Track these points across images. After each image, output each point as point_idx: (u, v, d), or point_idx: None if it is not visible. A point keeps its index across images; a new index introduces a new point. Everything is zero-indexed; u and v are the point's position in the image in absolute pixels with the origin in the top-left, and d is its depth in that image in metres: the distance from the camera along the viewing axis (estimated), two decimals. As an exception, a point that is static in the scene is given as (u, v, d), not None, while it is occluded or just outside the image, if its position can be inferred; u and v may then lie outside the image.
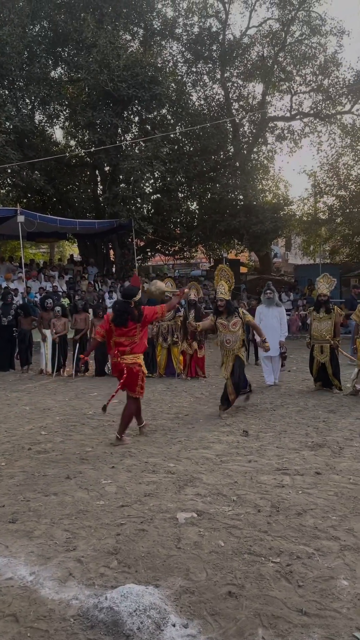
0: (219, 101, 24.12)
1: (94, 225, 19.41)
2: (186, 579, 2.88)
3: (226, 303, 6.99)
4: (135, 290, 5.85)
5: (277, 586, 2.81)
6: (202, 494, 4.09)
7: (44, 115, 21.47)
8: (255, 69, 22.63)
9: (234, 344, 6.99)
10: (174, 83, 21.78)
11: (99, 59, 17.80)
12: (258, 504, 3.86)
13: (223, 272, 7.28)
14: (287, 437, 5.77)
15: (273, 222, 21.23)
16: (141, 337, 5.77)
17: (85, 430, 6.39)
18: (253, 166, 23.74)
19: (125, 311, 5.66)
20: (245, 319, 7.01)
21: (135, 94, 18.25)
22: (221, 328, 7.06)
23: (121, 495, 4.13)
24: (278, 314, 9.02)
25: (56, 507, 3.93)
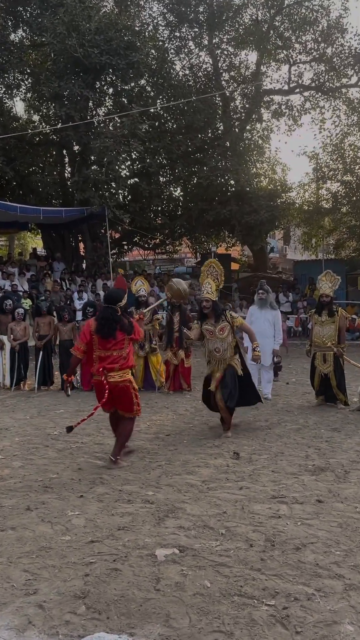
0: (207, 71, 24.26)
1: (61, 214, 19.35)
2: (166, 626, 2.87)
3: (212, 305, 6.85)
4: (121, 293, 5.80)
5: (271, 633, 2.81)
6: (186, 526, 4.09)
7: (2, 86, 21.36)
8: (248, 35, 22.80)
9: (224, 353, 6.86)
10: (154, 49, 21.86)
11: (66, 21, 17.78)
12: (250, 538, 3.88)
13: (212, 268, 7.18)
14: (284, 460, 5.80)
15: (269, 212, 21.37)
16: (129, 352, 5.72)
17: (49, 453, 6.35)
18: (246, 146, 23.90)
19: (113, 319, 5.59)
20: (235, 323, 6.91)
21: (109, 62, 18.26)
22: (208, 335, 6.92)
23: (91, 529, 4.11)
24: (272, 318, 9.05)
25: (14, 543, 3.89)
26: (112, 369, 5.55)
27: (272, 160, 26.67)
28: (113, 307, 5.65)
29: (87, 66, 18.45)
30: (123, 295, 5.78)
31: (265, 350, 8.98)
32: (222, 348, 6.84)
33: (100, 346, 5.59)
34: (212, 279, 7.00)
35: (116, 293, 5.83)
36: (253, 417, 8.04)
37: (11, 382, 11.10)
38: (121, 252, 27.13)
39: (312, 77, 24.04)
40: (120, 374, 5.58)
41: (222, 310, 6.97)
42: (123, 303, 5.72)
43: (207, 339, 6.91)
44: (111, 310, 5.63)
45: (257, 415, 8.13)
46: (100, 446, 6.60)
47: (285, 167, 27.15)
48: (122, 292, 5.86)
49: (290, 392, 10.00)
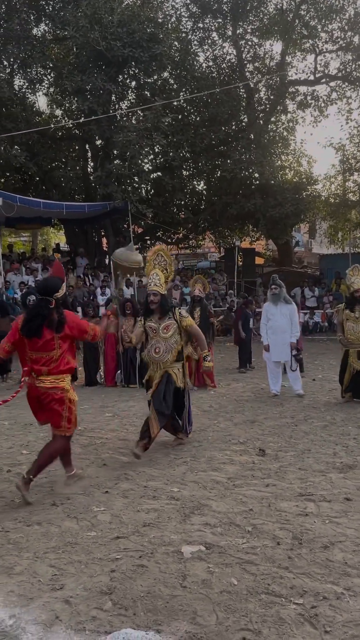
0: (230, 62, 24.15)
1: (84, 209, 19.44)
2: (193, 623, 2.88)
3: (160, 299, 6.07)
4: (57, 282, 4.90)
5: (300, 632, 2.80)
6: (212, 523, 4.09)
7: (24, 80, 21.54)
8: (272, 24, 22.62)
9: (164, 355, 6.04)
10: (177, 41, 21.81)
11: (89, 14, 17.84)
12: (277, 536, 3.86)
13: (159, 257, 6.34)
14: (311, 457, 5.76)
15: (294, 205, 21.22)
16: (63, 354, 4.78)
17: (73, 449, 6.37)
18: (270, 139, 23.75)
19: (39, 314, 4.68)
20: (183, 323, 6.12)
21: (132, 55, 18.29)
22: (150, 333, 6.14)
23: (116, 525, 4.13)
24: (288, 312, 9.04)
25: (40, 539, 3.93)
26: (40, 372, 4.73)
27: (297, 152, 26.49)
28: (47, 299, 4.72)
29: (110, 59, 18.50)
30: (60, 284, 4.87)
31: (284, 346, 8.99)
32: (163, 349, 6.03)
33: (29, 347, 4.74)
34: (160, 270, 6.21)
35: (52, 282, 4.91)
36: (279, 413, 8.01)
37: (35, 377, 11.19)
38: (144, 247, 27.19)
39: (338, 67, 23.83)
40: (51, 379, 4.74)
41: (170, 307, 6.20)
42: (60, 294, 4.81)
43: (150, 337, 6.14)
44: (44, 302, 4.72)
45: (282, 412, 8.09)
46: (124, 442, 6.63)
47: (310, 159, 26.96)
48: (58, 280, 4.94)
49: (316, 388, 9.93)
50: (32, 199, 17.99)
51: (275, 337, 9.11)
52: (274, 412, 8.11)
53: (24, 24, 19.14)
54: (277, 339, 9.08)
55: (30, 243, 33.18)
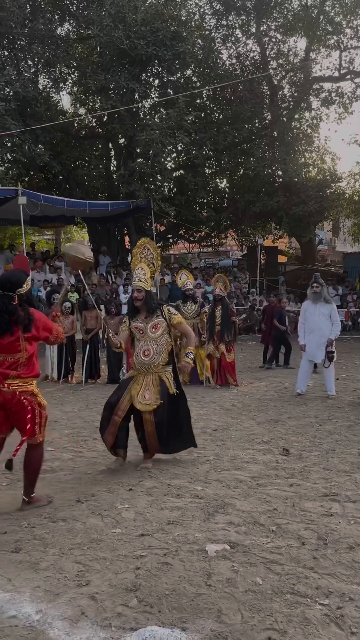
0: (254, 59, 24.04)
1: (107, 208, 19.53)
2: (218, 622, 2.88)
3: (145, 295, 5.58)
4: (21, 277, 4.52)
5: (325, 632, 2.79)
6: (236, 522, 4.09)
7: (48, 80, 21.70)
8: (297, 21, 22.43)
9: (155, 358, 5.55)
10: (200, 39, 21.79)
11: (112, 13, 17.90)
12: (302, 536, 3.85)
13: (146, 250, 5.84)
14: (335, 457, 5.72)
15: (318, 203, 21.05)
16: (30, 356, 4.46)
17: (98, 446, 6.44)
18: (294, 136, 23.59)
19: (6, 311, 4.34)
20: (173, 321, 5.65)
21: (155, 53, 18.31)
22: (137, 334, 5.62)
23: (140, 522, 4.15)
24: (328, 312, 8.89)
25: (65, 535, 3.97)
26: (6, 375, 4.35)
27: (321, 149, 26.26)
28: (8, 295, 4.38)
29: (133, 58, 18.54)
30: (24, 279, 4.50)
31: (319, 346, 8.88)
32: (153, 351, 5.53)
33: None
34: (145, 264, 5.73)
35: (14, 276, 4.52)
36: (302, 412, 7.97)
37: (59, 375, 11.31)
38: (166, 245, 27.25)
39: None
40: (18, 382, 4.38)
41: (157, 304, 5.74)
42: (25, 289, 4.45)
43: (137, 339, 5.63)
44: (6, 298, 4.37)
45: (306, 412, 8.05)
46: (148, 440, 6.65)
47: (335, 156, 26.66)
48: (22, 274, 4.55)
49: (340, 388, 9.85)
50: (55, 198, 18.12)
51: (311, 336, 8.98)
52: (297, 411, 8.07)
53: (49, 24, 19.28)
54: (313, 338, 8.96)
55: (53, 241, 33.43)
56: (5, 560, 3.61)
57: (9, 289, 4.39)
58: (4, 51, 19.37)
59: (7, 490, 4.99)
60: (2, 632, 2.86)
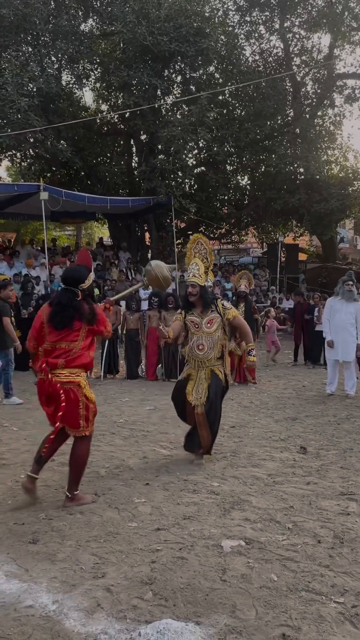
0: (277, 56, 23.88)
1: (128, 204, 19.58)
2: (232, 617, 2.90)
3: (200, 290, 5.57)
4: (84, 272, 4.62)
5: (340, 630, 2.79)
6: (252, 519, 4.10)
7: (72, 76, 21.77)
8: (321, 17, 22.23)
9: (209, 352, 5.56)
10: (223, 35, 21.69)
11: (136, 9, 17.91)
12: (318, 534, 3.84)
13: (199, 245, 5.84)
14: (353, 456, 5.69)
15: (340, 200, 20.86)
16: (85, 347, 4.50)
17: (115, 440, 6.49)
18: (317, 133, 23.38)
19: (69, 305, 4.44)
20: (227, 316, 5.61)
21: (178, 49, 18.27)
22: (192, 328, 5.63)
23: (157, 516, 4.18)
24: (354, 311, 8.74)
25: (82, 527, 4.01)
26: (55, 365, 4.39)
27: (344, 146, 25.98)
28: (72, 290, 4.52)
29: (156, 54, 18.53)
30: (87, 274, 4.60)
31: (347, 345, 8.79)
32: (207, 345, 5.54)
33: (49, 338, 4.45)
34: (199, 259, 5.73)
35: (77, 272, 4.63)
36: (321, 411, 7.93)
37: (78, 369, 11.36)
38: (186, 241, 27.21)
39: (388, 60, 23.24)
40: (66, 372, 4.40)
41: (212, 299, 5.70)
42: (87, 284, 4.58)
43: (191, 332, 5.63)
44: (70, 293, 4.50)
45: (324, 410, 8.01)
46: (165, 435, 6.69)
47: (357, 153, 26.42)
48: (85, 270, 4.65)
49: (358, 387, 9.78)
50: (77, 194, 18.21)
51: (337, 334, 8.87)
52: (315, 410, 8.04)
53: (72, 20, 19.33)
54: (339, 336, 8.86)
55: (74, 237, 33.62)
56: (22, 551, 3.66)
57: (72, 284, 4.53)
58: (28, 47, 19.45)
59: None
60: (19, 622, 2.90)
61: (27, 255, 17.91)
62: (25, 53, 19.22)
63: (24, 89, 17.31)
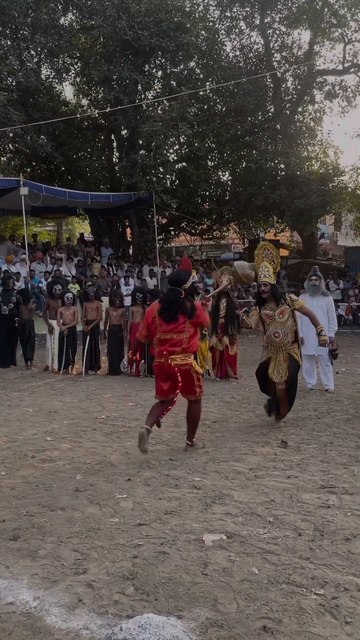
0: (258, 52, 23.93)
1: (109, 199, 19.51)
2: (214, 610, 2.90)
3: (271, 288, 6.70)
4: (186, 275, 5.72)
5: (320, 622, 2.81)
6: (233, 513, 4.11)
7: (51, 70, 21.61)
8: (301, 13, 22.34)
9: (284, 338, 6.67)
10: (204, 31, 21.69)
11: (116, 3, 17.82)
12: (299, 527, 3.86)
13: (266, 250, 6.98)
14: (333, 450, 5.74)
15: (320, 196, 21.00)
16: (191, 336, 5.61)
17: (97, 436, 6.47)
18: (297, 129, 23.53)
19: (176, 302, 5.55)
20: (295, 306, 6.74)
21: (159, 44, 18.22)
22: (267, 319, 6.77)
23: (138, 512, 4.17)
24: (325, 305, 8.91)
25: (63, 523, 3.99)
26: (173, 352, 5.50)
27: (324, 143, 26.22)
28: (177, 289, 5.59)
29: (137, 49, 18.46)
30: (188, 277, 5.69)
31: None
32: (282, 332, 6.64)
33: (161, 329, 5.57)
34: (268, 262, 6.83)
35: (181, 275, 5.75)
36: (301, 405, 7.98)
37: (59, 365, 11.33)
38: (168, 237, 27.19)
39: (367, 56, 23.42)
40: (182, 356, 5.53)
41: (281, 294, 6.85)
42: (188, 285, 5.64)
43: (267, 324, 6.75)
44: (175, 292, 5.59)
45: (305, 405, 8.06)
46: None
47: (337, 150, 26.63)
48: (186, 274, 5.76)
49: (340, 381, 9.87)
50: (57, 189, 18.09)
51: (310, 329, 8.96)
52: (296, 404, 8.05)
53: (52, 14, 19.17)
54: (312, 331, 8.93)
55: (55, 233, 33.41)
56: (3, 548, 3.63)
57: (177, 284, 5.60)
58: (7, 41, 19.27)
59: (7, 479, 5.01)
60: (0, 618, 2.88)
61: (7, 251, 17.75)
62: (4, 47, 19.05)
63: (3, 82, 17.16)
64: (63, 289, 12.06)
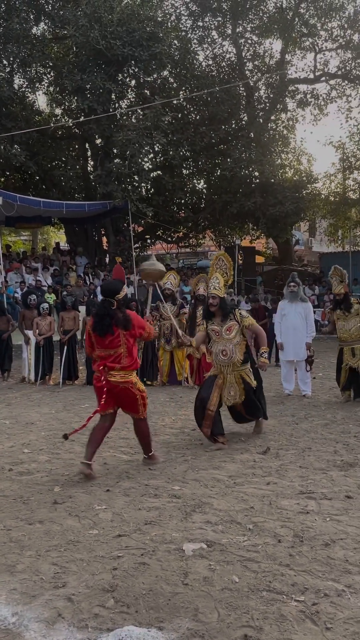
0: (230, 61, 24.17)
1: (84, 208, 19.46)
2: (195, 620, 2.89)
3: (220, 301, 6.26)
4: (119, 285, 5.35)
5: (301, 628, 2.82)
6: (213, 521, 4.11)
7: (24, 79, 21.54)
8: (272, 23, 22.63)
9: (232, 356, 6.23)
10: (176, 40, 21.81)
11: (88, 13, 17.85)
12: (278, 533, 3.87)
13: (220, 261, 6.59)
14: (312, 455, 5.77)
15: (294, 203, 21.23)
16: (129, 350, 5.25)
17: (75, 447, 6.42)
18: (270, 137, 23.76)
19: (107, 314, 5.17)
20: (244, 322, 6.29)
21: (132, 54, 18.29)
22: (214, 336, 6.33)
23: (118, 523, 4.15)
24: (303, 311, 9.00)
25: (42, 537, 3.95)
26: (113, 368, 5.19)
27: (297, 150, 26.53)
28: (109, 300, 5.23)
29: (110, 58, 18.50)
30: (121, 286, 5.32)
31: (299, 345, 8.96)
32: (229, 350, 6.21)
33: (98, 344, 5.25)
34: (220, 274, 6.43)
35: (113, 284, 5.38)
36: (279, 411, 8.02)
37: (36, 376, 11.24)
38: (144, 245, 27.21)
39: (338, 65, 23.92)
40: (122, 374, 5.22)
41: (230, 309, 6.38)
42: (121, 295, 5.25)
43: (213, 340, 6.32)
44: (107, 303, 5.23)
45: (283, 410, 8.10)
46: (125, 440, 6.66)
47: (310, 157, 26.95)
48: (120, 283, 5.39)
49: (317, 387, 9.94)
50: (32, 198, 18.02)
51: (288, 335, 9.07)
52: (274, 410, 8.12)
53: (24, 23, 19.12)
54: (289, 337, 9.05)
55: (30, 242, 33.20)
56: (-20, 564, 3.58)
57: (109, 295, 5.24)
58: (-21, 51, 19.17)
59: (-17, 493, 4.94)
60: (-22, 636, 2.84)
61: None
62: (-24, 56, 18.92)
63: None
64: (38, 299, 11.98)
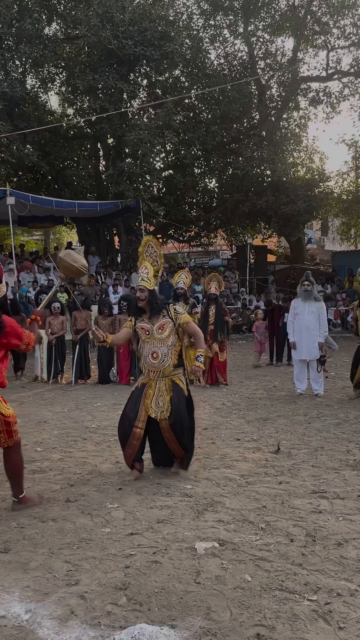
0: (242, 59, 24.07)
1: (96, 208, 19.50)
2: (207, 619, 2.90)
3: (148, 295, 5.20)
4: None
5: (313, 628, 2.81)
6: (225, 520, 4.11)
7: (36, 80, 21.63)
8: (284, 21, 22.51)
9: (164, 360, 5.19)
10: (188, 39, 21.79)
11: (100, 13, 17.87)
12: (291, 533, 3.87)
13: (150, 248, 5.42)
14: (324, 455, 5.76)
15: (306, 202, 21.14)
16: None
17: (87, 446, 6.44)
18: (282, 136, 23.66)
19: None
20: (179, 321, 5.22)
21: (143, 53, 18.29)
22: (143, 335, 5.26)
23: (130, 521, 4.16)
24: (316, 310, 8.95)
25: (55, 535, 3.97)
26: None
27: (309, 149, 26.43)
28: None
29: (121, 58, 18.52)
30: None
31: (312, 344, 8.92)
32: (161, 352, 5.16)
33: None
34: (149, 262, 5.33)
35: None
36: (291, 411, 8.00)
37: (48, 375, 11.28)
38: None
39: (350, 63, 23.71)
40: None
41: (162, 304, 5.29)
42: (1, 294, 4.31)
43: (143, 340, 5.26)
44: None
45: (295, 410, 8.09)
46: (137, 439, 6.66)
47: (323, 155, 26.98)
48: None
49: (329, 385, 9.90)
50: (44, 198, 18.08)
51: (300, 335, 9.02)
52: (286, 409, 8.10)
53: (36, 24, 19.21)
54: (302, 336, 9.00)
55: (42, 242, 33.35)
56: (-6, 561, 3.61)
57: None
58: (-9, 51, 19.27)
59: (-3, 491, 4.97)
60: (-8, 633, 2.86)
61: (-6, 261, 17.69)
62: (-12, 57, 19.02)
63: (-12, 93, 17.15)
64: (51, 298, 12.03)
